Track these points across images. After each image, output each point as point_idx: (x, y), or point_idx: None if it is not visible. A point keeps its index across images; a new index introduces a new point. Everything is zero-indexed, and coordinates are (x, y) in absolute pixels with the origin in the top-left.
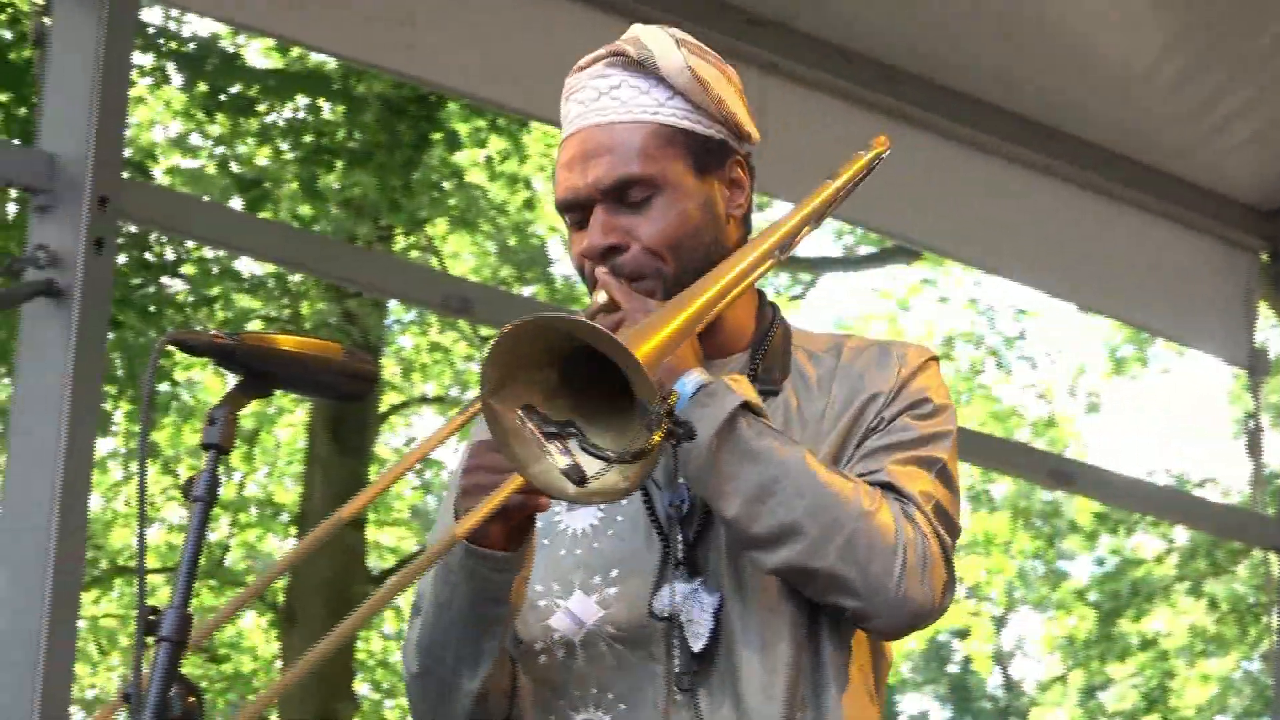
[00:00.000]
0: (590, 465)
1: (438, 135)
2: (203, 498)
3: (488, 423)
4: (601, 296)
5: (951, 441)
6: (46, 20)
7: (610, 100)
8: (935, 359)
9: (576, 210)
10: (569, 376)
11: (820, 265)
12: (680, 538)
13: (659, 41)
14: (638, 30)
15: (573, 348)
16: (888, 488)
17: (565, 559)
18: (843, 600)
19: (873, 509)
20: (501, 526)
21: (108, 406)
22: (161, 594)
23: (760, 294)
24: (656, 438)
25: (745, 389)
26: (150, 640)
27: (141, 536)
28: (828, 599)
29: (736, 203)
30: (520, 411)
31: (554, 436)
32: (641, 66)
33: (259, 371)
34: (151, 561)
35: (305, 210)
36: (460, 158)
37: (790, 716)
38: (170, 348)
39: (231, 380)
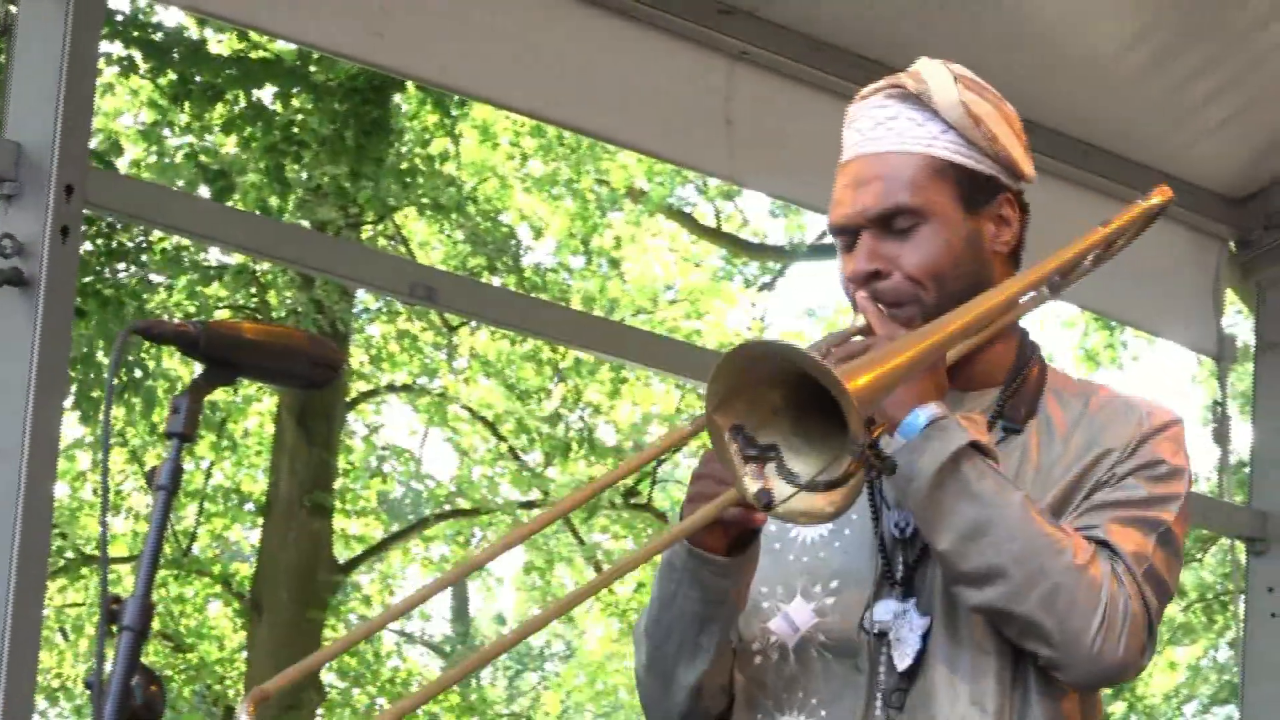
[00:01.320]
0: (784, 490)
1: (399, 123)
2: (166, 486)
3: (710, 436)
4: (860, 320)
5: (1181, 506)
6: (13, 8)
7: (885, 130)
8: (1179, 422)
9: (847, 235)
10: (793, 400)
11: (790, 254)
12: (900, 558)
13: (937, 76)
14: (920, 64)
15: (798, 373)
16: (1102, 545)
17: (793, 565)
18: (1037, 647)
19: (1081, 563)
20: (721, 535)
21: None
22: (128, 582)
23: (1023, 332)
24: (852, 467)
25: (977, 429)
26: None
27: (104, 525)
28: (1024, 643)
29: (1003, 239)
30: (729, 430)
31: (752, 460)
32: (918, 99)
33: (223, 360)
34: (118, 550)
35: (272, 200)
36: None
37: None
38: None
39: (198, 369)
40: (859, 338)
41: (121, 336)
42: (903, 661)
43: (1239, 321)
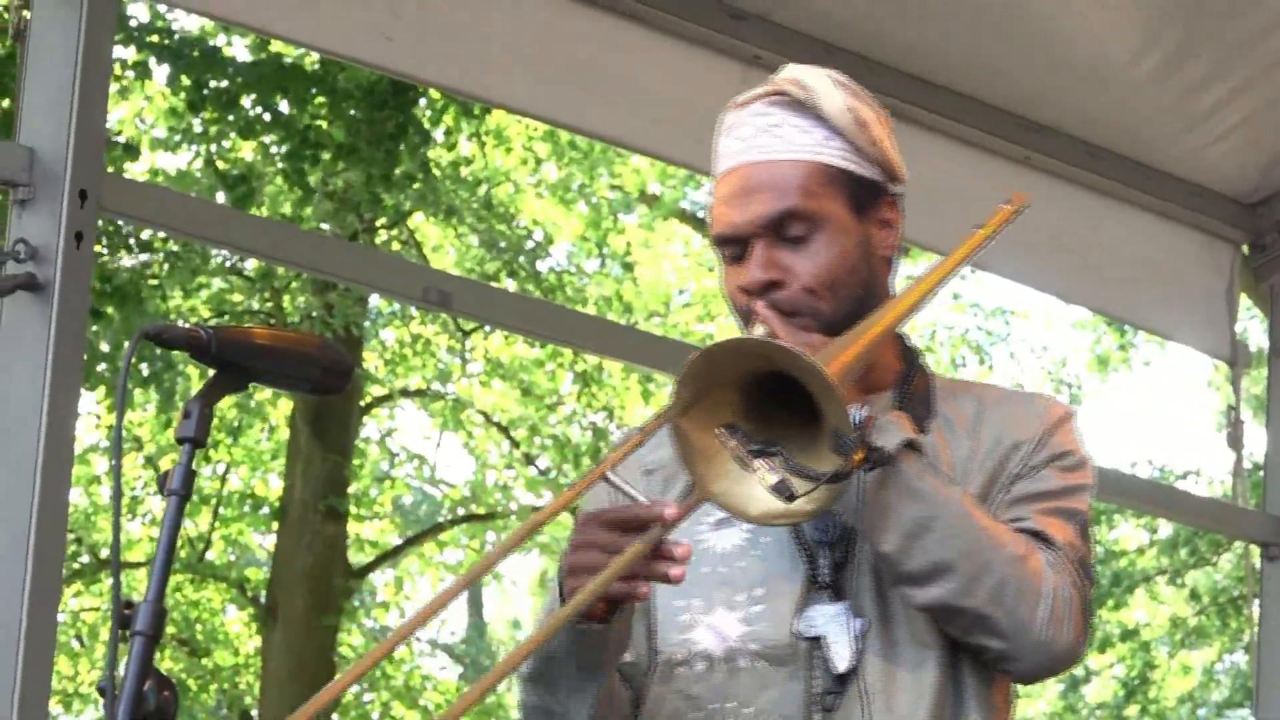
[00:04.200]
0: (800, 484)
1: (412, 129)
2: (178, 491)
3: (674, 442)
4: (760, 330)
5: (1089, 495)
6: (26, 14)
7: (771, 138)
8: (1075, 413)
9: (734, 244)
10: (752, 401)
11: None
12: (825, 561)
13: (820, 82)
14: (796, 70)
15: (758, 374)
16: (1036, 535)
17: (709, 576)
18: (987, 641)
19: (1024, 555)
20: (604, 604)
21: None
22: (143, 588)
23: (902, 337)
24: (857, 458)
25: (909, 427)
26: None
27: (116, 529)
28: (972, 638)
29: (887, 243)
30: (722, 429)
31: (760, 454)
32: (803, 106)
33: (235, 365)
34: (135, 555)
35: (290, 206)
36: (436, 152)
37: None
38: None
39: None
40: None
41: (133, 341)
42: (841, 664)
43: (1252, 326)
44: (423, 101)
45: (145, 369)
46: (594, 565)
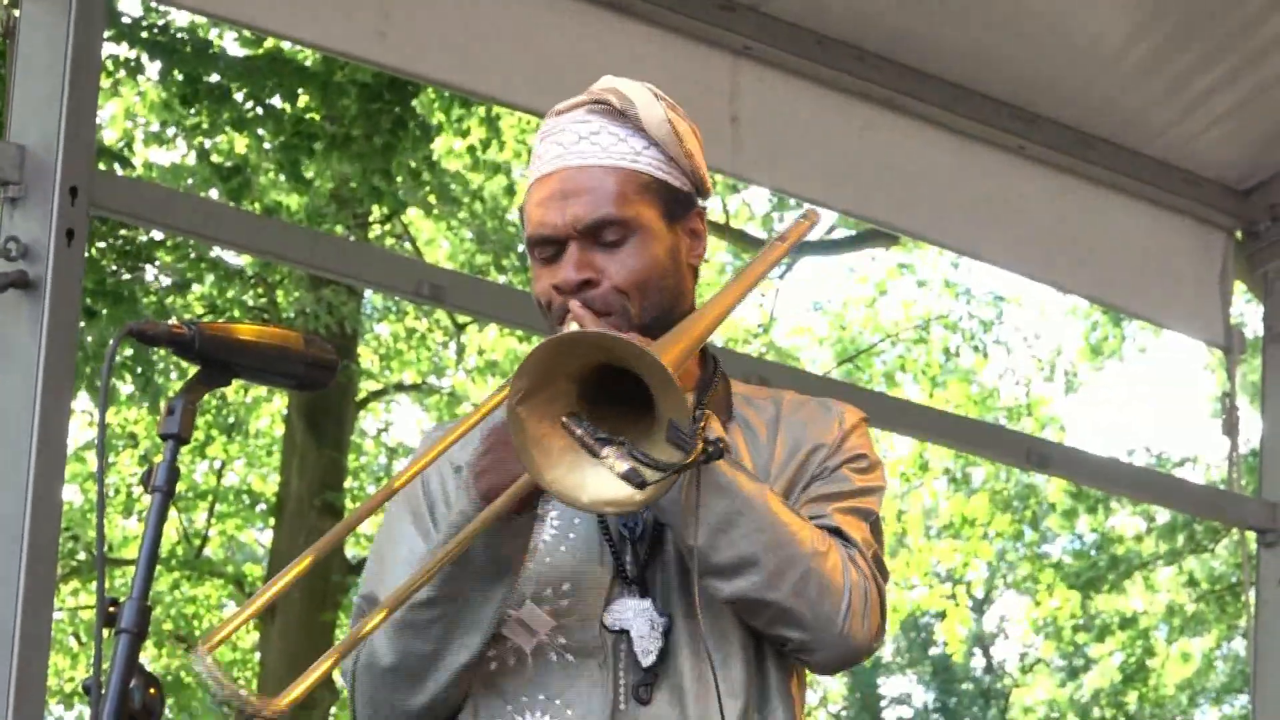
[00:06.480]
0: (649, 472)
1: (413, 123)
2: (161, 488)
3: (511, 430)
4: (573, 327)
5: (881, 497)
6: (15, 12)
7: (590, 145)
8: (867, 419)
9: (549, 246)
10: (587, 394)
11: (797, 249)
12: (631, 557)
13: (639, 94)
14: (615, 81)
15: (593, 367)
16: (835, 532)
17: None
18: (789, 632)
19: (824, 550)
20: (514, 501)
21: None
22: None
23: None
24: (698, 450)
25: (716, 426)
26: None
27: (100, 527)
28: (774, 630)
29: (696, 253)
30: (569, 418)
31: (606, 443)
32: (622, 116)
33: (218, 361)
34: (131, 552)
35: (284, 199)
36: (436, 145)
37: None
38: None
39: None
40: None
41: (116, 339)
42: (647, 658)
43: (1247, 312)
44: (437, 94)
45: (138, 367)
46: (508, 461)
